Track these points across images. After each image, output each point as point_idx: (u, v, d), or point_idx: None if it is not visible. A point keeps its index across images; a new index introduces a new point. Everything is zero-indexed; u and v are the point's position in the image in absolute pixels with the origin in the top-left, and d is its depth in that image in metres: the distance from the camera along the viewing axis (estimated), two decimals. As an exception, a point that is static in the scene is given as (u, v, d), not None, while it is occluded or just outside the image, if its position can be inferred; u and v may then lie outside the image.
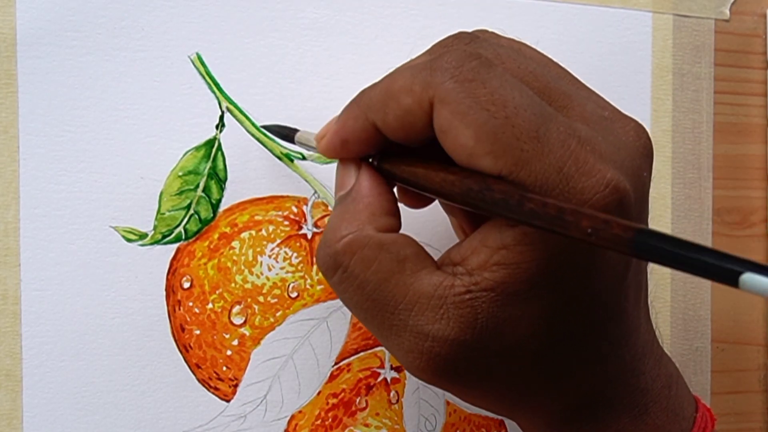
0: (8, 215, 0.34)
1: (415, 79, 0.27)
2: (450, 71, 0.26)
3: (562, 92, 0.28)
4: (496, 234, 0.26)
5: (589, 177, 0.26)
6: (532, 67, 0.28)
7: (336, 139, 0.30)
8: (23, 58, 0.34)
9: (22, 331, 0.34)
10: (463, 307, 0.26)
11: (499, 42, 0.29)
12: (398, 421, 0.38)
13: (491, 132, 0.25)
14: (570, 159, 0.26)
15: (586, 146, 0.26)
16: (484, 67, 0.26)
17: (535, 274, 0.26)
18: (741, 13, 0.43)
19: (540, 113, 0.26)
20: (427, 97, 0.26)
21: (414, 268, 0.27)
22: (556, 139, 0.26)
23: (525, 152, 0.25)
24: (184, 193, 0.35)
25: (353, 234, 0.28)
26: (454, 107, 0.26)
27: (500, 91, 0.26)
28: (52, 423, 0.34)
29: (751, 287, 0.20)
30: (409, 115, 0.27)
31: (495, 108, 0.25)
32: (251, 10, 0.36)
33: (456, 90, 0.26)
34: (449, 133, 0.26)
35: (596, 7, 0.40)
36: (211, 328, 0.36)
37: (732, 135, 0.43)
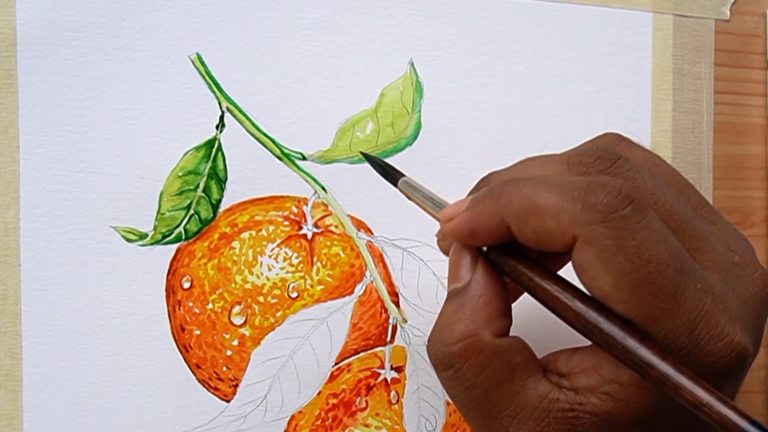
0: (8, 215, 0.34)
1: (565, 207, 0.27)
2: (602, 214, 0.26)
3: (696, 234, 0.29)
4: (612, 366, 0.27)
5: (719, 340, 0.26)
6: (670, 203, 0.29)
7: (465, 228, 0.29)
8: (23, 58, 0.34)
9: (22, 331, 0.34)
10: (565, 423, 0.27)
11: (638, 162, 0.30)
12: (398, 421, 0.38)
13: (631, 284, 0.26)
14: (702, 320, 0.26)
15: (719, 305, 0.27)
16: (636, 214, 0.26)
17: (642, 414, 0.27)
18: (741, 13, 0.43)
19: (681, 269, 0.26)
20: (573, 231, 0.27)
21: (522, 375, 0.28)
22: (692, 298, 0.26)
23: (660, 309, 0.26)
24: (184, 193, 0.35)
25: (470, 339, 0.28)
26: (600, 251, 0.26)
27: (647, 244, 0.26)
28: (52, 423, 0.34)
29: None
30: (549, 236, 0.27)
31: (639, 261, 0.26)
32: (251, 10, 0.36)
33: (605, 235, 0.26)
34: (588, 271, 0.27)
35: (596, 7, 0.40)
36: (211, 329, 0.36)
37: (732, 135, 0.43)
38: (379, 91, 0.38)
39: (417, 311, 0.38)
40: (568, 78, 0.40)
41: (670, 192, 0.29)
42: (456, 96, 0.38)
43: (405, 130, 0.38)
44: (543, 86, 0.40)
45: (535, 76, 0.39)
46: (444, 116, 0.38)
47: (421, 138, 0.38)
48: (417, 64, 0.38)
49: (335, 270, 0.37)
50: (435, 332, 0.30)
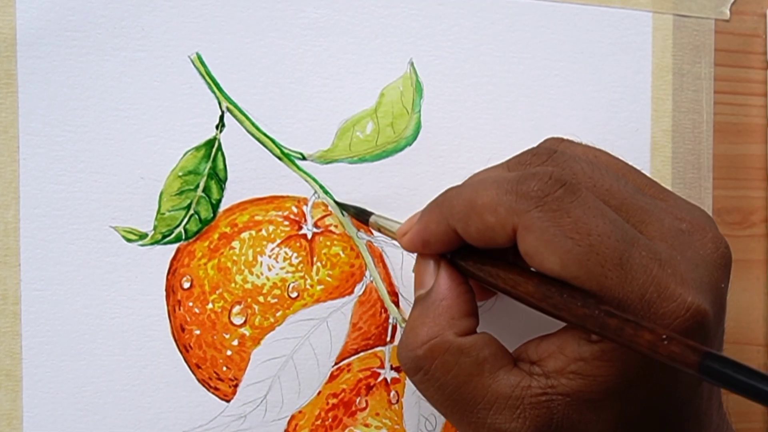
0: (8, 215, 0.34)
1: (501, 200, 0.28)
2: (535, 200, 0.27)
3: (639, 208, 0.29)
4: (574, 345, 0.28)
5: (670, 302, 0.27)
6: (609, 183, 0.29)
7: (417, 239, 0.31)
8: (23, 58, 0.34)
9: (22, 331, 0.34)
10: (540, 407, 0.28)
11: (575, 154, 0.31)
12: (398, 421, 0.38)
13: (576, 259, 0.27)
14: (652, 285, 0.27)
15: (667, 269, 0.27)
16: (568, 195, 0.27)
17: (611, 386, 0.27)
18: (741, 13, 0.43)
19: (622, 238, 0.27)
20: (511, 222, 0.28)
21: (492, 368, 0.29)
22: (639, 265, 0.27)
23: (609, 279, 0.27)
24: (184, 193, 0.35)
25: (434, 340, 0.29)
26: (539, 235, 0.27)
27: (584, 219, 0.27)
28: (52, 423, 0.34)
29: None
30: (491, 231, 0.28)
31: (579, 236, 0.27)
32: (251, 10, 0.36)
33: (541, 219, 0.27)
34: (535, 257, 0.27)
35: (596, 7, 0.40)
36: (211, 328, 0.36)
37: (732, 135, 0.43)
38: (379, 91, 0.38)
39: (417, 311, 0.38)
40: (568, 78, 0.40)
41: (608, 174, 0.30)
42: (456, 96, 0.38)
43: (405, 130, 0.38)
44: (543, 86, 0.40)
45: (535, 76, 0.39)
46: (444, 116, 0.38)
47: (421, 138, 0.38)
48: (417, 64, 0.38)
49: (335, 270, 0.37)
50: (402, 339, 0.31)
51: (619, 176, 0.30)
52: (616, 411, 0.28)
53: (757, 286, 0.43)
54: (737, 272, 0.43)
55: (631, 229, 0.28)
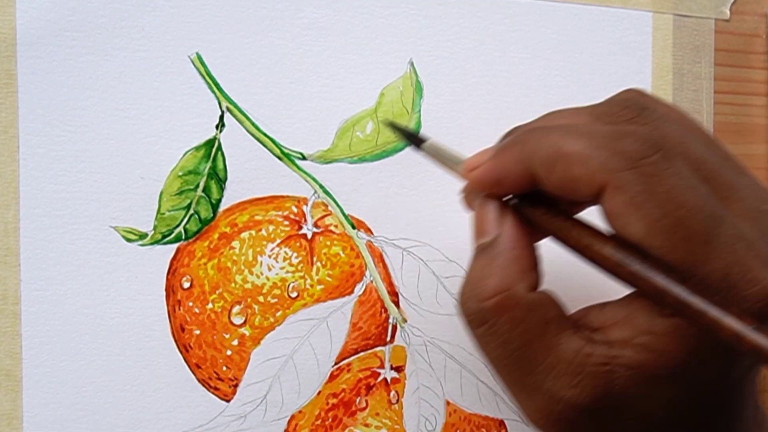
0: (8, 215, 0.34)
1: (593, 153, 0.27)
2: (631, 161, 0.26)
3: (726, 181, 0.28)
4: (645, 317, 0.27)
5: (754, 285, 0.26)
6: (699, 151, 0.28)
7: (490, 176, 0.29)
8: (23, 58, 0.34)
9: (22, 331, 0.34)
10: (600, 378, 0.27)
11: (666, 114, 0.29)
12: (398, 421, 0.38)
13: (663, 230, 0.26)
14: (737, 266, 0.26)
15: (752, 251, 0.26)
16: (664, 161, 0.26)
17: (678, 364, 0.27)
18: (741, 13, 0.43)
19: (712, 214, 0.26)
20: (602, 178, 0.26)
21: (557, 330, 0.28)
22: (725, 244, 0.26)
23: (693, 255, 0.26)
24: (184, 193, 0.35)
25: (505, 293, 0.28)
26: (630, 197, 0.26)
27: (677, 189, 0.26)
28: (52, 423, 0.34)
29: None
30: (576, 183, 0.27)
31: (671, 207, 0.26)
32: (251, 10, 0.36)
33: (635, 182, 0.26)
34: (619, 218, 0.26)
35: (596, 7, 0.40)
36: (211, 328, 0.36)
37: (732, 135, 0.43)
38: (379, 91, 0.38)
39: (417, 311, 0.38)
40: (568, 78, 0.40)
41: (697, 142, 0.29)
42: (456, 96, 0.38)
43: (405, 130, 0.38)
44: (543, 86, 0.40)
45: (535, 76, 0.39)
46: (444, 116, 0.38)
47: (421, 138, 0.38)
48: (417, 64, 0.38)
49: (335, 270, 0.37)
50: (467, 288, 0.29)
51: (706, 145, 0.29)
52: (677, 388, 0.27)
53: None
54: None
55: (719, 205, 0.27)
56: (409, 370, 0.38)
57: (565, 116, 0.30)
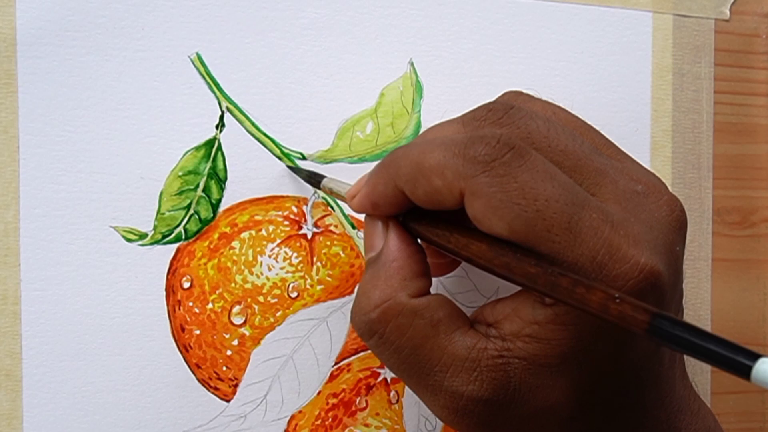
0: (8, 215, 0.34)
1: (448, 163, 0.27)
2: (482, 164, 0.27)
3: (593, 169, 0.29)
4: (528, 308, 0.27)
5: (623, 264, 0.26)
6: (564, 142, 0.29)
7: (366, 202, 0.31)
8: (23, 58, 0.34)
9: (22, 331, 0.34)
10: (497, 370, 0.27)
11: (533, 110, 0.30)
12: (398, 421, 0.38)
13: (524, 224, 0.26)
14: (603, 247, 0.26)
15: (619, 230, 0.27)
16: (516, 159, 0.27)
17: (566, 351, 0.27)
18: (741, 13, 0.43)
19: (572, 201, 0.27)
20: (458, 186, 0.27)
21: (447, 330, 0.28)
22: (589, 227, 0.26)
23: (557, 243, 0.26)
24: (184, 193, 0.35)
25: (387, 303, 0.29)
26: (486, 201, 0.27)
27: (531, 183, 0.26)
28: (52, 423, 0.34)
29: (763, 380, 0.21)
30: (439, 194, 0.28)
31: (526, 201, 0.26)
32: (251, 10, 0.36)
33: (488, 184, 0.26)
34: (483, 222, 0.27)
35: (596, 7, 0.40)
36: (211, 328, 0.36)
37: (732, 135, 0.43)
38: (379, 91, 0.38)
39: (417, 311, 0.38)
40: (568, 78, 0.40)
41: (565, 133, 0.29)
42: (456, 96, 0.38)
43: (405, 130, 0.38)
44: (543, 86, 0.40)
45: (535, 76, 0.39)
46: (444, 116, 0.38)
47: (421, 138, 0.38)
48: (417, 64, 0.38)
49: (335, 270, 0.37)
50: (354, 303, 0.30)
51: (575, 135, 0.30)
52: (573, 376, 0.27)
53: (757, 286, 0.43)
54: (737, 272, 0.43)
55: (581, 191, 0.27)
56: (409, 370, 0.38)
57: (437, 129, 0.31)
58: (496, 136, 0.27)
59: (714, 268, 0.42)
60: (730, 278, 0.43)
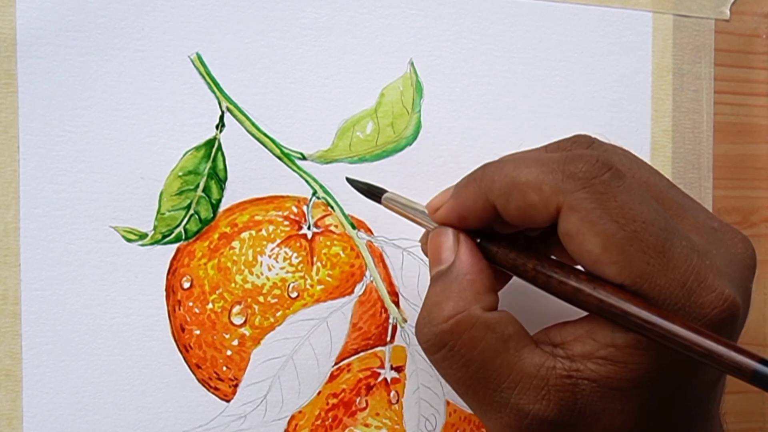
0: (8, 215, 0.34)
1: (546, 178, 0.28)
2: (583, 180, 0.27)
3: (675, 202, 0.30)
4: (606, 332, 0.27)
5: (710, 292, 0.27)
6: (646, 175, 0.30)
7: (453, 214, 0.31)
8: (23, 58, 0.34)
9: (22, 331, 0.34)
10: (564, 390, 0.28)
11: (614, 149, 0.31)
12: (398, 421, 0.38)
13: (619, 244, 0.27)
14: (692, 274, 0.27)
15: (705, 261, 0.27)
16: (615, 179, 0.27)
17: (641, 375, 0.27)
18: (741, 13, 0.43)
19: (665, 227, 0.27)
20: (556, 201, 0.27)
21: (517, 346, 0.28)
22: (680, 255, 0.27)
23: (650, 266, 0.27)
24: (184, 193, 0.35)
25: (460, 315, 0.29)
26: (584, 215, 0.27)
27: (630, 204, 0.27)
28: (52, 423, 0.34)
29: None
30: (532, 209, 0.28)
31: (624, 221, 0.27)
32: (251, 10, 0.36)
33: (588, 200, 0.27)
34: (575, 237, 0.27)
35: (596, 7, 0.40)
36: (211, 328, 0.36)
37: (732, 135, 0.43)
38: (379, 91, 0.38)
39: (417, 311, 0.38)
40: (568, 78, 0.40)
41: (645, 168, 0.30)
42: (456, 96, 0.38)
43: (405, 130, 0.38)
44: (543, 86, 0.40)
45: (535, 76, 0.39)
46: (444, 116, 0.38)
47: (421, 138, 0.38)
48: (417, 64, 0.38)
49: (335, 270, 0.37)
50: (423, 314, 0.30)
51: (654, 171, 0.31)
52: (642, 401, 0.28)
53: (757, 286, 0.43)
54: (737, 272, 0.43)
55: (671, 218, 0.28)
56: (410, 370, 0.38)
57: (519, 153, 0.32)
58: (595, 156, 0.28)
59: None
60: (730, 278, 0.43)
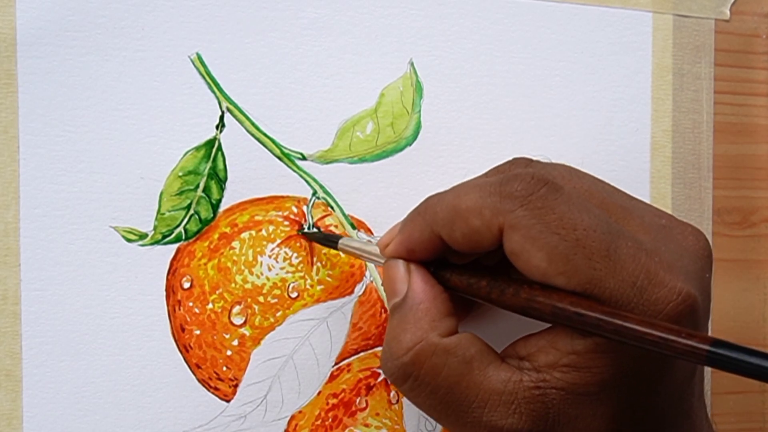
0: (8, 215, 0.34)
1: (485, 202, 0.28)
2: (520, 199, 0.28)
3: (619, 206, 0.30)
4: (566, 339, 0.28)
5: (661, 288, 0.27)
6: (587, 185, 0.30)
7: (402, 248, 0.31)
8: (23, 58, 0.34)
9: (22, 331, 0.34)
10: (534, 402, 0.28)
11: (553, 165, 0.32)
12: (398, 421, 0.38)
13: (563, 254, 0.27)
14: (642, 273, 0.27)
15: (654, 258, 0.28)
16: (552, 192, 0.28)
17: (606, 379, 0.27)
18: (741, 13, 0.43)
19: (608, 230, 0.28)
20: (497, 222, 0.28)
21: (480, 365, 0.29)
22: (626, 255, 0.27)
23: (598, 270, 0.27)
24: (184, 193, 0.35)
25: (419, 345, 0.29)
26: (526, 232, 0.27)
27: (569, 214, 0.27)
28: (52, 423, 0.34)
29: None
30: (477, 234, 0.29)
31: (565, 231, 0.27)
32: (251, 10, 0.36)
33: (527, 217, 0.27)
34: (521, 255, 0.28)
35: (596, 7, 0.40)
36: (211, 328, 0.36)
37: (732, 135, 0.43)
38: (379, 91, 0.38)
39: (417, 311, 0.38)
40: (568, 78, 0.40)
41: (585, 178, 0.31)
42: (456, 96, 0.38)
43: (405, 130, 0.38)
44: (543, 86, 0.40)
45: (535, 76, 0.39)
46: (444, 116, 0.38)
47: (421, 138, 0.38)
48: (417, 64, 0.38)
49: (335, 270, 0.37)
50: (384, 349, 0.30)
51: (596, 180, 0.31)
52: (612, 404, 0.28)
53: (757, 286, 0.43)
54: (737, 272, 0.43)
55: (614, 222, 0.28)
56: (409, 370, 0.38)
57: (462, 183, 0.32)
58: (530, 173, 0.28)
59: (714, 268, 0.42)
60: (730, 278, 0.43)
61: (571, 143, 0.40)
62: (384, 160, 0.38)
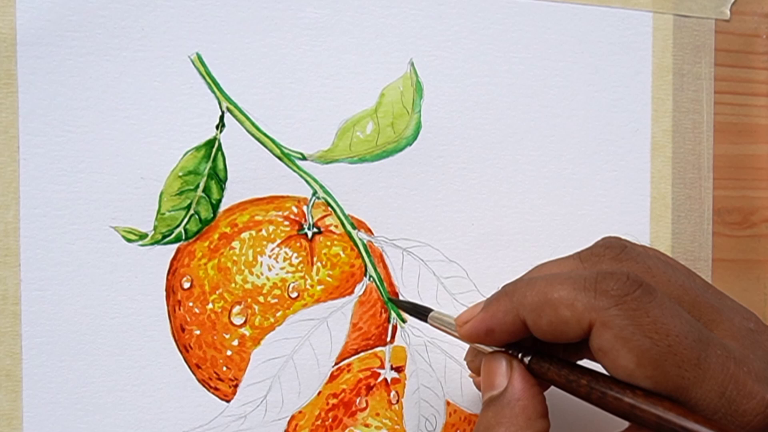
0: (8, 215, 0.34)
1: (578, 295, 0.28)
2: (615, 299, 0.28)
3: (710, 306, 0.30)
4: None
5: (750, 399, 0.27)
6: (681, 280, 0.30)
7: (482, 327, 0.31)
8: (23, 58, 0.34)
9: (22, 331, 0.34)
10: None
11: (646, 253, 0.31)
12: (398, 421, 0.38)
13: (654, 359, 0.27)
14: (731, 383, 0.27)
15: (743, 367, 0.28)
16: (646, 295, 0.28)
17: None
18: (741, 13, 0.43)
19: (699, 338, 0.28)
20: (588, 318, 0.28)
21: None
22: (716, 364, 0.27)
23: (686, 379, 0.27)
24: (184, 193, 0.35)
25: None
26: (617, 332, 0.28)
27: (662, 319, 0.28)
28: (52, 423, 0.34)
29: None
30: (564, 325, 0.29)
31: (658, 336, 0.27)
32: (251, 10, 0.36)
33: (620, 317, 0.28)
34: (609, 353, 0.28)
35: (596, 7, 0.40)
36: (211, 329, 0.36)
37: (732, 135, 0.43)
38: (379, 91, 0.38)
39: (417, 311, 0.38)
40: (568, 78, 0.40)
41: (679, 272, 0.31)
42: (456, 96, 0.38)
43: (405, 130, 0.38)
44: (543, 86, 0.40)
45: (535, 76, 0.39)
46: (444, 116, 0.38)
47: (421, 138, 0.38)
48: (417, 64, 0.38)
49: (335, 270, 0.37)
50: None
51: (688, 273, 0.31)
52: None
53: (757, 286, 0.43)
54: (737, 272, 0.43)
55: (704, 328, 0.29)
56: (410, 370, 0.38)
57: (551, 266, 0.32)
58: (625, 273, 0.28)
59: (714, 268, 0.42)
60: (730, 278, 0.43)
61: (571, 143, 0.40)
62: (384, 160, 0.38)
